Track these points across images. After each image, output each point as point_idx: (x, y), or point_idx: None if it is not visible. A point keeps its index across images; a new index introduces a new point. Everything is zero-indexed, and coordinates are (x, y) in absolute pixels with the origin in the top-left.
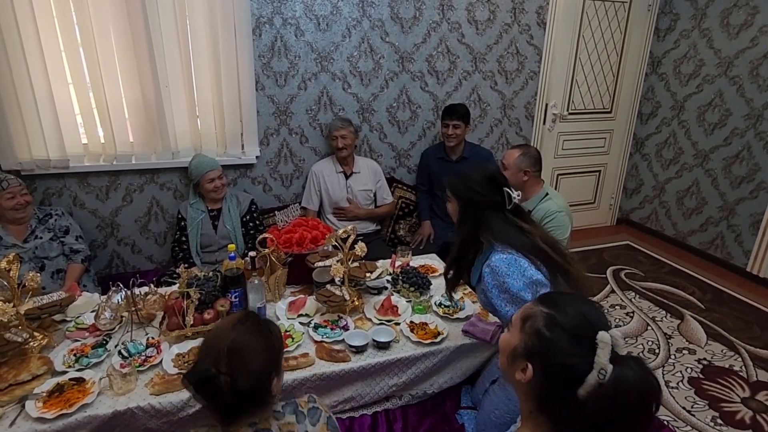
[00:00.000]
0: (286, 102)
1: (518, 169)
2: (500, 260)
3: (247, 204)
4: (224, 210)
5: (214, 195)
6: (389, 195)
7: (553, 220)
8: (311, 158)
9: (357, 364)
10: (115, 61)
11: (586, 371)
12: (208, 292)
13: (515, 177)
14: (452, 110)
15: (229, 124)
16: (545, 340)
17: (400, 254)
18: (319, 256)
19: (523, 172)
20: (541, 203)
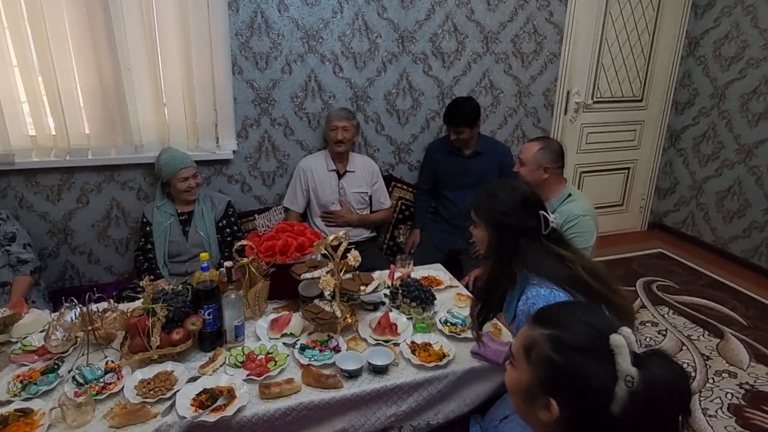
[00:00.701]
0: (268, 88)
1: (537, 165)
2: (537, 296)
3: (223, 206)
4: (196, 213)
5: (186, 196)
6: (387, 199)
7: (577, 224)
8: (297, 153)
9: (350, 391)
10: (68, 40)
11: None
12: (177, 309)
13: (534, 174)
14: (455, 115)
15: (202, 114)
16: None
17: (400, 264)
18: (306, 266)
19: (543, 169)
20: (562, 205)
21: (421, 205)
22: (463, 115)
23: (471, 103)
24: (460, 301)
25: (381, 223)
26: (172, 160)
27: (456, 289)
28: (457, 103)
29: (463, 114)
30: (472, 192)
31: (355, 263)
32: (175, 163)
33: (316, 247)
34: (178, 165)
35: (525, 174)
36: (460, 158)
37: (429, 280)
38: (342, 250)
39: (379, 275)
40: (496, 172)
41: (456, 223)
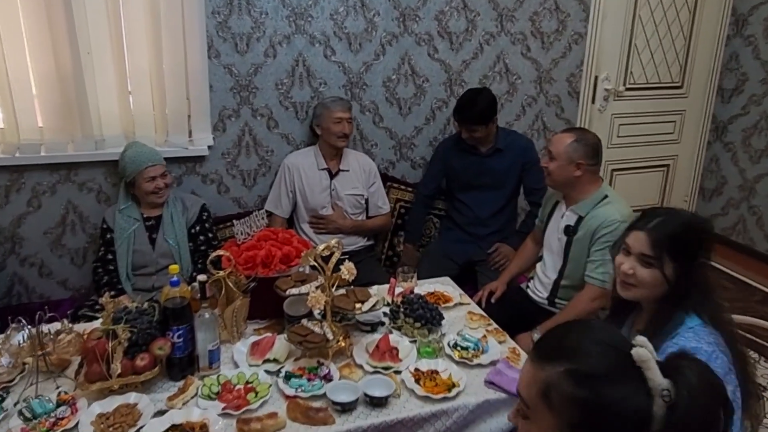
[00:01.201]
0: (249, 74)
1: (569, 160)
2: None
3: (196, 210)
4: (165, 218)
5: (153, 199)
6: (386, 203)
7: (613, 231)
8: (282, 148)
9: (343, 428)
10: (19, 19)
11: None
12: (142, 330)
13: (564, 171)
14: (466, 112)
15: (173, 103)
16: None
17: (402, 278)
18: (293, 280)
19: (575, 165)
20: (596, 208)
21: (417, 214)
22: (476, 113)
23: (485, 97)
24: (472, 321)
25: (379, 231)
26: (139, 156)
27: (467, 307)
28: (469, 98)
29: (476, 111)
30: (490, 194)
31: (350, 277)
32: (141, 159)
33: (304, 258)
34: (144, 162)
35: (554, 170)
36: (476, 157)
37: (435, 296)
38: (334, 262)
39: (378, 291)
40: (518, 171)
41: (472, 230)
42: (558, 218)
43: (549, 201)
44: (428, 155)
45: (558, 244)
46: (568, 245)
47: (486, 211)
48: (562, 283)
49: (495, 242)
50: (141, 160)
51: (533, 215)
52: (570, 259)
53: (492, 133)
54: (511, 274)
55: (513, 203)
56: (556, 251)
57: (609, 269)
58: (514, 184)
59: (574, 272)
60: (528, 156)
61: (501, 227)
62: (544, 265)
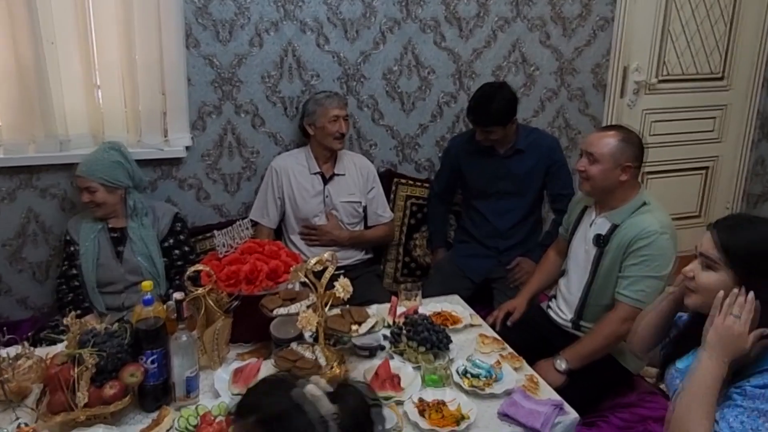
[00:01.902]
0: (232, 65)
1: (616, 163)
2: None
3: (167, 221)
4: (131, 230)
5: (93, 212)
6: (387, 210)
7: (651, 244)
8: (269, 149)
9: None
10: None
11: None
12: (112, 355)
13: (609, 176)
14: (480, 112)
15: (146, 99)
16: None
17: (404, 295)
18: (281, 298)
19: (621, 169)
20: (633, 216)
21: (436, 213)
22: (493, 113)
23: (503, 94)
24: (485, 345)
25: (380, 243)
26: (82, 160)
27: (479, 329)
28: (484, 96)
29: (493, 111)
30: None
31: (345, 294)
32: (79, 165)
33: (294, 273)
34: (77, 170)
35: (596, 174)
36: (494, 159)
37: (442, 316)
38: (327, 278)
39: (377, 310)
40: (542, 175)
41: (490, 243)
42: (586, 226)
43: (576, 206)
44: (434, 156)
45: (585, 257)
46: (598, 258)
47: (506, 221)
48: (589, 301)
49: (516, 257)
50: (78, 166)
51: (559, 225)
52: (599, 274)
53: (511, 132)
54: (532, 292)
55: (536, 212)
56: (582, 264)
57: (645, 287)
58: (537, 189)
59: (603, 289)
60: (553, 157)
61: (523, 239)
62: (568, 280)
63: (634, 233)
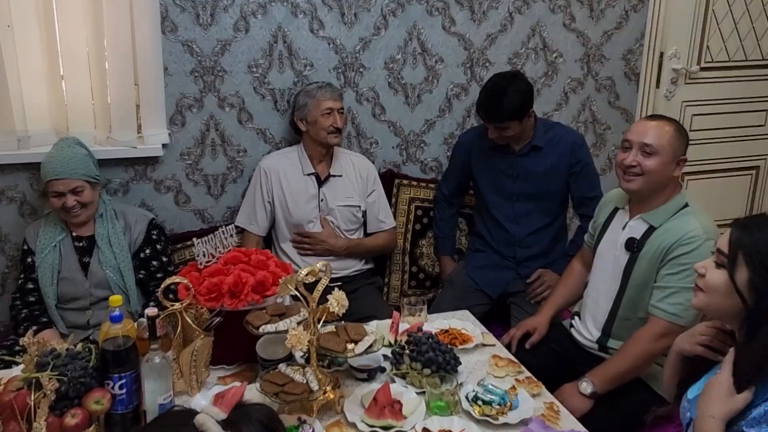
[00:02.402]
0: (215, 53)
1: (674, 156)
2: None
3: (142, 229)
4: (100, 238)
5: (66, 217)
6: (389, 216)
7: (693, 251)
8: (257, 148)
9: None
10: None
11: None
12: (74, 379)
13: (666, 171)
14: (492, 107)
15: (117, 91)
16: None
17: (408, 310)
18: (268, 314)
19: (676, 163)
20: (673, 218)
21: (443, 217)
22: (506, 108)
23: (518, 85)
24: (498, 368)
25: (380, 252)
26: (48, 164)
27: (491, 349)
28: (497, 88)
29: (506, 106)
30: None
31: (340, 309)
32: (48, 168)
33: (283, 285)
34: (48, 174)
35: (653, 169)
36: (508, 157)
37: (451, 334)
38: (320, 290)
39: (376, 327)
40: (565, 175)
41: (507, 253)
42: (617, 229)
43: (605, 207)
44: (442, 156)
45: (614, 264)
46: (630, 265)
47: (523, 227)
48: (619, 315)
49: (537, 268)
50: (46, 170)
51: (585, 233)
52: (631, 283)
53: (528, 127)
54: (555, 308)
55: (559, 218)
56: (611, 273)
57: (683, 300)
58: (558, 191)
59: (634, 302)
60: (577, 155)
61: (544, 249)
62: (594, 292)
63: (674, 238)
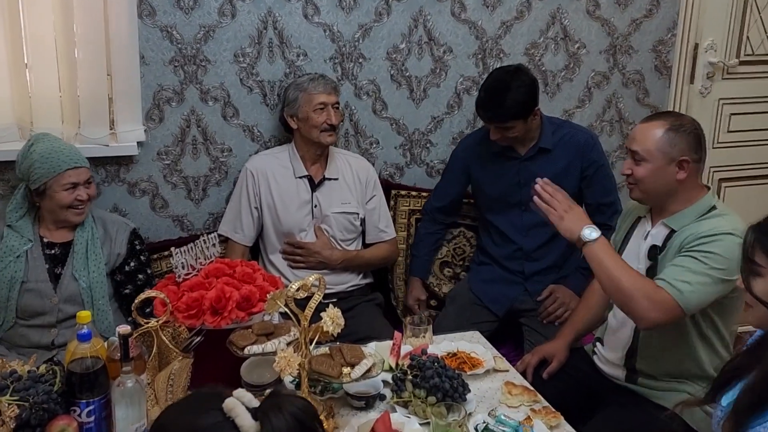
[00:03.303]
0: (197, 40)
1: (667, 158)
2: None
3: (123, 239)
4: (78, 247)
5: (71, 216)
6: (390, 225)
7: (716, 242)
8: (244, 147)
9: None
10: None
11: None
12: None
13: (661, 177)
14: (492, 105)
15: (87, 82)
16: None
17: (411, 331)
18: (254, 334)
19: (676, 165)
20: (700, 220)
21: (426, 233)
22: (511, 105)
23: (521, 80)
24: (512, 396)
25: (381, 265)
26: (55, 153)
27: (504, 375)
28: (498, 84)
29: (511, 103)
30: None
31: (335, 328)
32: (60, 158)
33: (271, 301)
34: (64, 162)
35: (645, 177)
36: (513, 162)
37: (459, 358)
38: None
39: (376, 349)
40: (576, 179)
41: (513, 266)
42: (639, 239)
43: (627, 217)
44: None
45: None
46: (652, 273)
47: (532, 239)
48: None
49: (548, 284)
50: (59, 160)
51: None
52: None
53: (534, 127)
54: (576, 332)
55: None
56: None
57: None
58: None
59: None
60: (589, 156)
61: (556, 262)
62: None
63: (695, 232)
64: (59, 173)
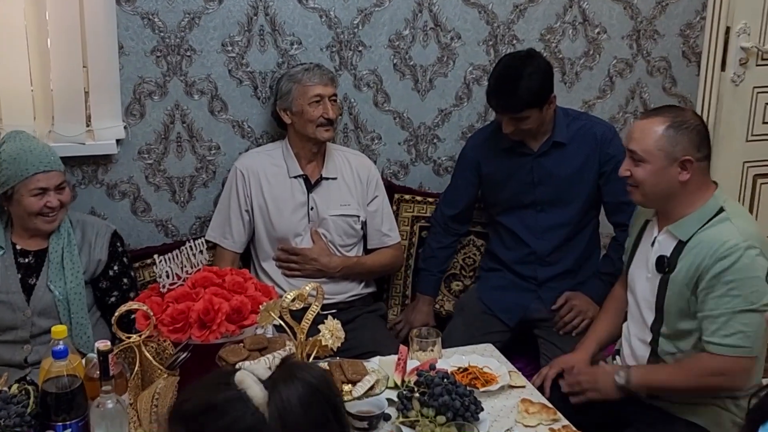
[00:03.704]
0: (181, 27)
1: (669, 158)
2: None
3: (104, 243)
4: (53, 255)
5: (40, 224)
6: (394, 228)
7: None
8: (233, 144)
9: None
10: None
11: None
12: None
13: (662, 179)
14: (505, 92)
15: (61, 75)
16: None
17: (418, 344)
18: (246, 348)
19: (678, 165)
20: (705, 228)
21: (439, 245)
22: (525, 93)
23: (535, 65)
24: (529, 415)
25: (384, 272)
26: (24, 155)
27: (520, 392)
28: (510, 71)
29: (525, 90)
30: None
31: (335, 342)
32: (29, 160)
33: (264, 313)
34: (33, 165)
35: (644, 179)
36: (525, 158)
37: (470, 374)
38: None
39: (380, 365)
40: (594, 176)
41: (526, 272)
42: (646, 247)
43: (637, 220)
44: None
45: (648, 289)
46: (663, 288)
47: (546, 242)
48: (661, 348)
49: (563, 291)
50: (28, 162)
51: (620, 245)
52: (667, 310)
53: (548, 119)
54: (598, 342)
55: (589, 228)
56: (645, 299)
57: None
58: (587, 197)
59: (675, 332)
60: (608, 151)
61: (572, 267)
62: (633, 322)
63: (708, 251)
64: (27, 177)
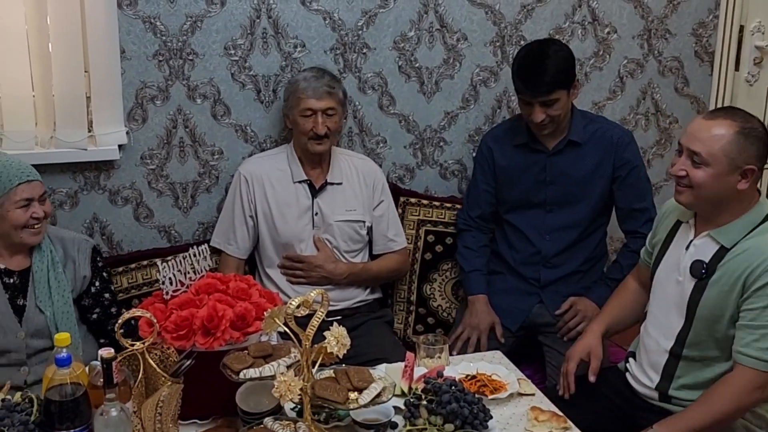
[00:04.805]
0: (183, 31)
1: (733, 166)
2: None
3: (86, 257)
4: (38, 273)
5: (27, 237)
6: (401, 233)
7: None
8: (236, 149)
9: None
10: None
11: None
12: None
13: (722, 185)
14: (534, 73)
15: (63, 80)
16: None
17: (426, 351)
18: (251, 356)
19: (740, 174)
20: (751, 237)
21: (473, 246)
22: (553, 72)
23: (558, 47)
24: (539, 423)
25: (389, 279)
26: (3, 169)
27: (529, 400)
28: (535, 53)
29: (553, 69)
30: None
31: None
32: (9, 173)
33: (269, 320)
34: (15, 176)
35: (703, 181)
36: (539, 156)
37: (478, 381)
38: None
39: (386, 372)
40: (607, 179)
41: (530, 274)
42: (679, 250)
43: (665, 219)
44: (467, 156)
45: (678, 293)
46: (697, 294)
47: (553, 242)
48: (685, 354)
49: (566, 295)
50: (10, 174)
51: (631, 252)
52: (698, 316)
53: (566, 110)
54: (605, 324)
55: (598, 233)
56: (674, 303)
57: None
58: (598, 199)
59: (703, 338)
60: (623, 154)
61: (576, 270)
62: (654, 326)
63: (753, 261)
64: (11, 189)
